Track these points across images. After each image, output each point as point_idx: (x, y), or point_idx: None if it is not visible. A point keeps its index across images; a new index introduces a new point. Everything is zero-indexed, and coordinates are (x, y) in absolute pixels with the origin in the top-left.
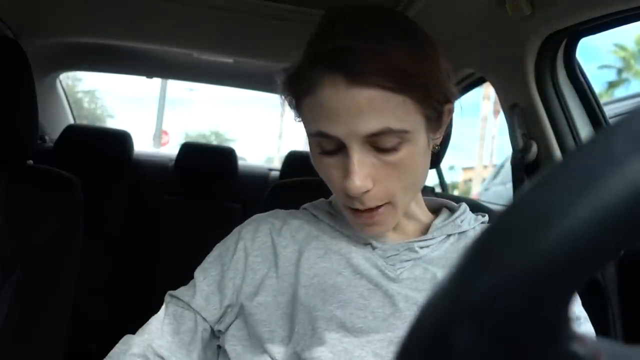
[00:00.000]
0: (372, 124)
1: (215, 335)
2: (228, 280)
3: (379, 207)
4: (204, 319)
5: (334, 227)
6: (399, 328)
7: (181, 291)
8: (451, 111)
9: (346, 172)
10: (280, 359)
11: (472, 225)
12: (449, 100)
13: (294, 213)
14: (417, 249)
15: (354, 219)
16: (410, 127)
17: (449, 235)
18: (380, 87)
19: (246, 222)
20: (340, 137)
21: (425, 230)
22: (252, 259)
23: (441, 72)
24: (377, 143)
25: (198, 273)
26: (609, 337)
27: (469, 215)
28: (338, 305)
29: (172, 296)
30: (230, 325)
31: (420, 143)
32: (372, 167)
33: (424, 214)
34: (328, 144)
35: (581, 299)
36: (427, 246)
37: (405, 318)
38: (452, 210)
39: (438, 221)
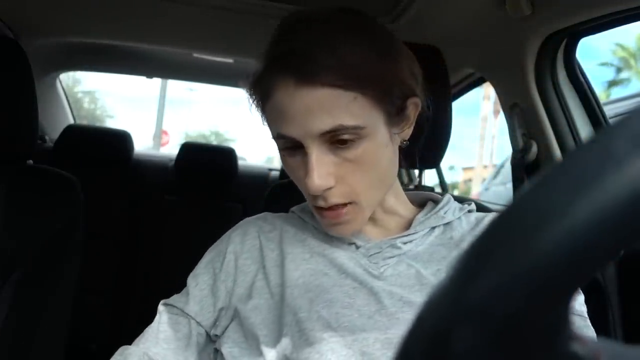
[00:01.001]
0: (324, 123)
1: (211, 339)
2: (220, 284)
3: (344, 206)
4: (198, 323)
5: (319, 229)
6: (385, 325)
7: (174, 298)
8: (417, 105)
9: (307, 171)
10: None
11: (456, 215)
12: (413, 94)
13: (282, 216)
14: (399, 245)
15: (322, 220)
16: (364, 123)
17: (433, 228)
18: (329, 86)
19: (235, 226)
20: (297, 137)
21: (409, 225)
22: (242, 262)
23: (402, 69)
24: (333, 141)
25: (190, 279)
26: (609, 337)
27: (453, 205)
28: (324, 305)
29: (165, 304)
30: (226, 329)
31: (380, 138)
32: (333, 165)
33: (406, 209)
34: (289, 146)
35: None
36: (411, 241)
37: (391, 314)
38: (438, 203)
39: (421, 215)
